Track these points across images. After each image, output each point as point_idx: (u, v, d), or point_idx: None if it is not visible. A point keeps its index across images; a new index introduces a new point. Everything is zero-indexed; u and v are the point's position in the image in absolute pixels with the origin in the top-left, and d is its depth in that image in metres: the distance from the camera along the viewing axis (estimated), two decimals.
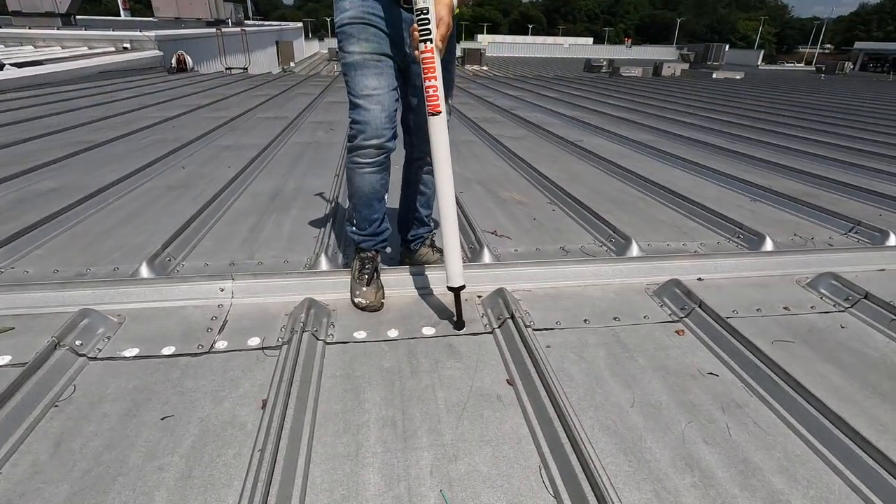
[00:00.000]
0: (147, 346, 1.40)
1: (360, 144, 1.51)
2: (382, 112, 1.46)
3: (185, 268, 1.90)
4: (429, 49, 1.28)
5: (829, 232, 2.42)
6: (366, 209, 1.63)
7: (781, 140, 4.81)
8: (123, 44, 11.98)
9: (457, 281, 1.49)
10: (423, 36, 1.28)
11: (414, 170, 1.81)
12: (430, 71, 1.30)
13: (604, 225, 2.30)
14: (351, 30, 1.42)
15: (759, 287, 1.84)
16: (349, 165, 1.58)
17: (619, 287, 1.80)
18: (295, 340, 1.36)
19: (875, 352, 1.48)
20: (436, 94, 1.32)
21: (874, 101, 9.56)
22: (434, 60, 1.29)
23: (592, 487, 0.95)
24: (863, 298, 1.69)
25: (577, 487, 0.97)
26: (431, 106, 1.34)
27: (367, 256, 1.66)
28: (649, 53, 45.41)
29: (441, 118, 1.35)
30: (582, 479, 0.97)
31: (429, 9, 1.25)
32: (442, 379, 1.31)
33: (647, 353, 1.45)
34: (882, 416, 1.22)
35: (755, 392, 1.29)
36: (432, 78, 1.31)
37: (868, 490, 1.01)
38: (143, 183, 2.96)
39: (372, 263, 1.66)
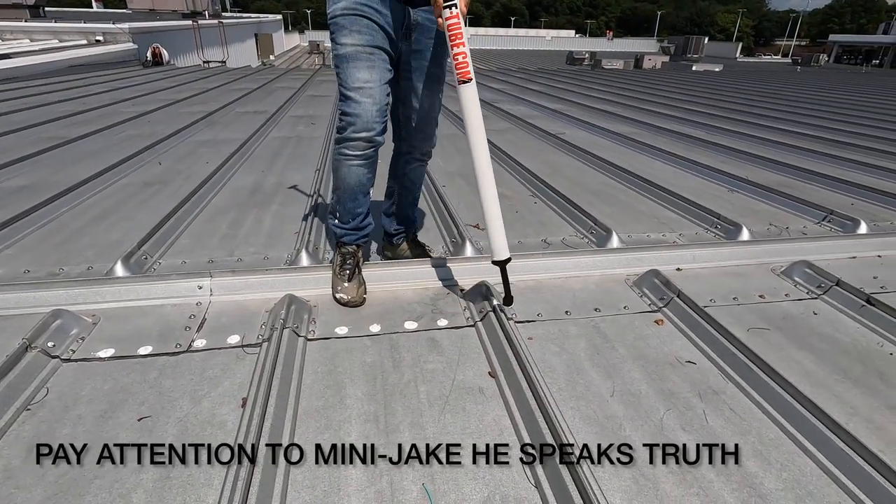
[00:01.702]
0: (123, 347, 1.37)
1: (349, 136, 1.49)
2: (374, 105, 1.45)
3: (162, 266, 1.86)
4: (454, 15, 1.26)
5: (803, 221, 2.47)
6: (350, 202, 1.62)
7: (759, 131, 4.89)
8: (96, 36, 11.66)
9: (502, 254, 1.46)
10: (447, 2, 1.25)
11: (402, 164, 1.80)
12: (457, 37, 1.28)
13: (585, 217, 2.31)
14: (343, 21, 1.40)
15: (736, 276, 1.88)
16: (337, 157, 1.56)
17: (599, 278, 1.82)
18: (275, 337, 1.35)
19: (846, 337, 1.52)
20: (465, 62, 1.29)
21: (848, 92, 9.77)
22: (460, 26, 1.26)
23: (573, 476, 0.96)
24: (834, 285, 1.73)
25: (557, 477, 0.98)
26: (461, 73, 1.31)
27: (348, 251, 1.65)
28: (631, 46, 45.75)
29: (472, 85, 1.32)
30: (562, 468, 0.98)
31: None
32: (424, 373, 1.31)
33: (627, 342, 1.47)
34: (852, 400, 1.25)
35: (731, 379, 1.32)
36: (460, 44, 1.28)
37: (838, 472, 1.04)
38: (118, 179, 2.90)
39: (353, 258, 1.64)
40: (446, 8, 1.26)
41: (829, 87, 10.79)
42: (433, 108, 1.66)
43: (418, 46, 1.54)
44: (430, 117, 1.68)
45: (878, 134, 4.86)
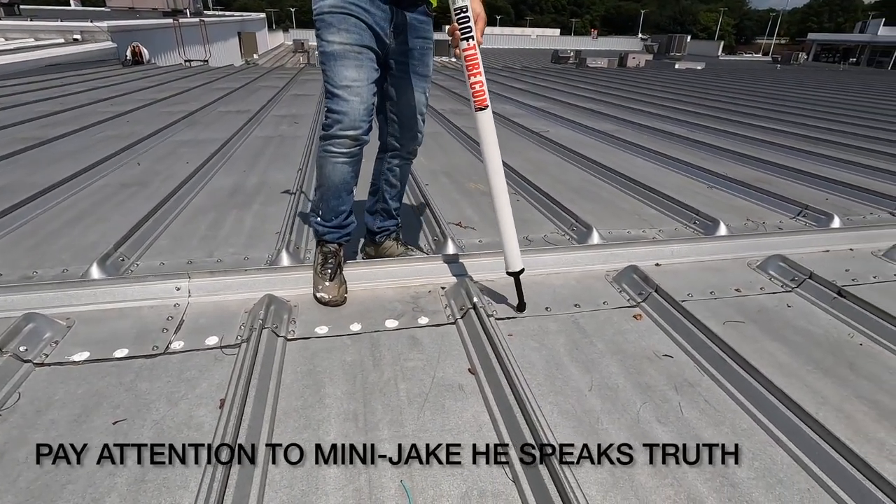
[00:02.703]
0: (98, 350, 1.35)
1: (335, 134, 1.49)
2: (361, 104, 1.45)
3: (140, 267, 1.83)
4: (471, 46, 1.31)
5: (779, 216, 2.52)
6: (334, 200, 1.62)
7: (739, 128, 4.97)
8: (73, 35, 11.42)
9: (516, 266, 1.53)
10: (465, 34, 1.29)
11: (387, 162, 1.80)
12: (474, 67, 1.33)
13: (566, 214, 2.33)
14: (331, 19, 1.40)
15: (714, 270, 1.91)
16: (322, 154, 1.56)
17: (579, 274, 1.84)
18: (254, 338, 1.34)
19: (818, 329, 1.56)
20: (482, 90, 1.36)
21: (826, 90, 9.97)
22: (477, 57, 1.32)
23: (549, 470, 0.97)
24: (807, 279, 1.77)
25: (534, 470, 0.99)
26: (479, 101, 1.37)
27: (329, 250, 1.64)
28: (615, 44, 46.12)
29: (488, 112, 1.40)
30: (541, 462, 0.99)
31: (467, 6, 1.28)
32: (404, 371, 1.32)
33: (606, 337, 1.49)
34: (823, 390, 1.28)
35: (707, 371, 1.34)
36: (476, 74, 1.33)
37: (808, 460, 1.06)
38: (95, 180, 2.85)
39: (335, 258, 1.64)
40: (464, 39, 1.30)
41: (807, 85, 11.00)
42: (419, 106, 1.66)
43: (405, 46, 1.55)
44: (417, 116, 1.68)
45: (853, 130, 4.97)
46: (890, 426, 1.16)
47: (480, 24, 1.32)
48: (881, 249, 2.09)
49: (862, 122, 5.59)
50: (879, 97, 8.74)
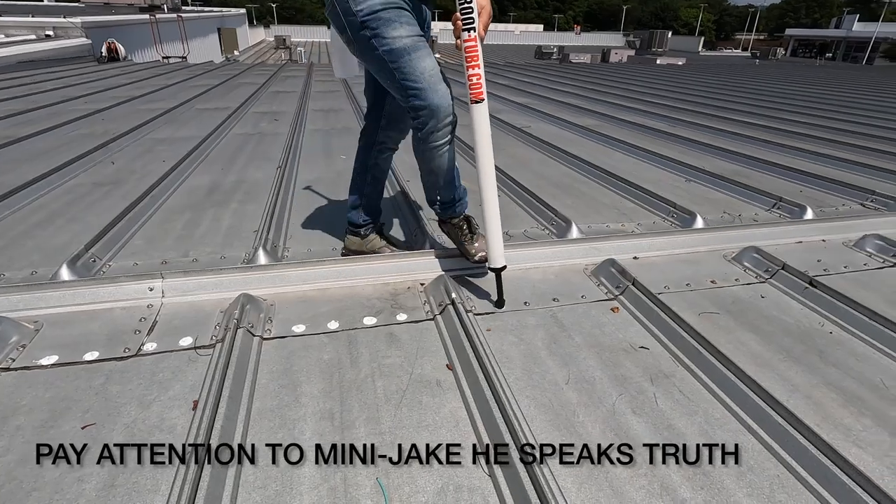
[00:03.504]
0: (67, 353, 1.32)
1: (436, 127, 1.47)
2: (447, 89, 1.44)
3: (112, 268, 1.80)
4: (472, 38, 1.28)
5: (754, 208, 2.56)
6: (449, 180, 1.67)
7: (718, 123, 5.04)
8: (46, 31, 11.11)
9: (499, 262, 1.54)
10: (467, 25, 1.27)
11: (374, 154, 1.79)
12: (473, 59, 1.31)
13: (546, 209, 2.34)
14: (388, 14, 1.36)
15: (690, 263, 1.93)
16: (427, 152, 1.55)
17: (559, 269, 1.85)
18: (228, 338, 1.32)
19: (790, 318, 1.59)
20: (479, 83, 1.34)
21: (802, 84, 10.16)
22: (477, 49, 1.29)
23: (525, 464, 0.98)
24: (780, 269, 1.80)
25: (510, 465, 0.99)
26: (475, 94, 1.35)
27: (460, 219, 1.71)
28: (598, 40, 46.42)
29: (483, 106, 1.38)
30: (516, 456, 1.00)
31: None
32: (382, 368, 1.31)
33: (584, 331, 1.50)
34: (794, 378, 1.31)
35: (682, 362, 1.36)
36: (476, 66, 1.31)
37: (778, 447, 1.08)
38: (68, 180, 2.78)
39: (468, 223, 1.71)
40: (465, 30, 1.27)
41: (783, 80, 11.19)
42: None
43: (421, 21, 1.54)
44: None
45: (827, 124, 5.08)
46: (856, 411, 1.19)
47: (484, 17, 1.30)
48: (852, 240, 2.14)
49: (835, 116, 5.70)
50: (852, 91, 8.93)
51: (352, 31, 1.41)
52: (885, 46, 39.53)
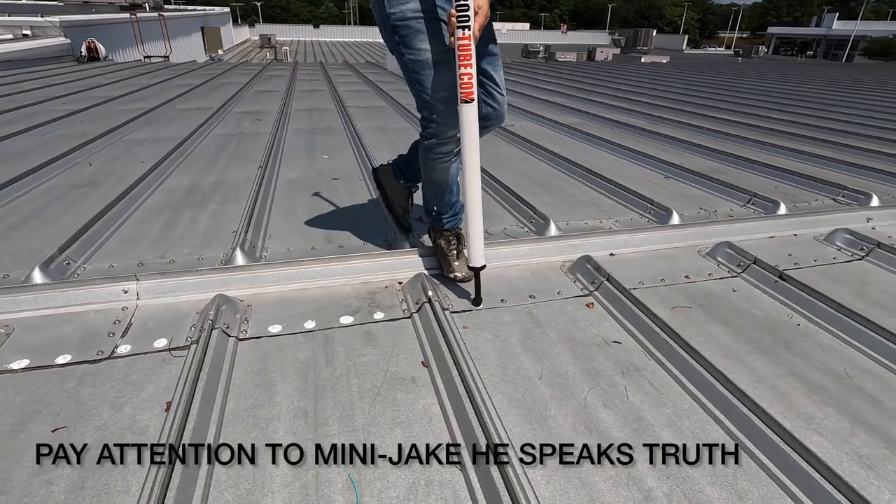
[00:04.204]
0: (39, 356, 1.31)
1: (442, 141, 1.53)
2: (455, 108, 1.42)
3: (87, 271, 1.78)
4: (466, 36, 1.28)
5: (730, 204, 2.61)
6: (448, 195, 1.69)
7: (698, 120, 5.11)
8: (23, 30, 10.89)
9: (478, 262, 1.56)
10: (462, 23, 1.26)
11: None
12: (466, 58, 1.30)
13: (526, 207, 2.36)
14: (418, 24, 1.36)
15: (665, 258, 1.97)
16: (430, 162, 1.61)
17: (536, 266, 1.87)
18: (203, 339, 1.32)
19: (759, 311, 1.62)
20: (470, 83, 1.33)
21: (782, 82, 10.33)
22: (470, 48, 1.29)
23: (496, 458, 0.99)
24: (752, 264, 1.84)
25: (480, 458, 1.01)
26: (465, 93, 1.34)
27: (452, 235, 1.74)
28: (584, 38, 46.68)
29: (473, 105, 1.36)
30: (487, 450, 1.01)
31: None
32: (357, 366, 1.32)
33: (559, 326, 1.52)
34: (760, 369, 1.34)
35: (653, 356, 1.39)
36: (468, 65, 1.31)
37: (742, 436, 1.11)
38: (43, 182, 2.74)
39: (458, 241, 1.73)
40: (460, 28, 1.27)
41: (764, 78, 11.36)
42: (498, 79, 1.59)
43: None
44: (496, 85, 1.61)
45: (803, 121, 5.17)
46: (820, 401, 1.23)
47: (481, 17, 1.29)
48: (822, 234, 2.19)
49: (811, 113, 5.81)
50: (829, 89, 9.10)
51: (385, 31, 1.44)
52: (864, 44, 40.32)
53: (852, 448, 1.09)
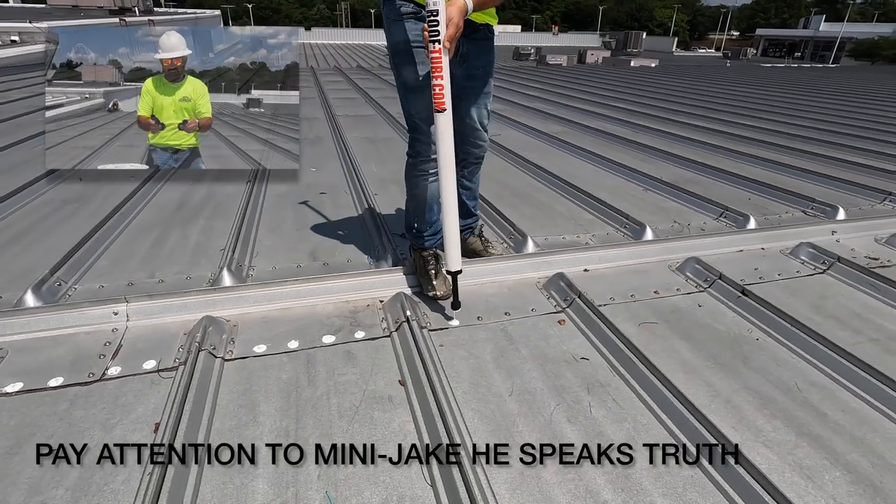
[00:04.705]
0: (32, 380, 1.37)
1: (425, 158, 1.68)
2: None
3: (78, 291, 1.84)
4: (437, 49, 1.35)
5: (703, 217, 2.71)
6: (428, 213, 1.80)
7: (679, 129, 5.23)
8: (10, 36, 10.85)
9: (455, 266, 1.64)
10: (433, 37, 1.35)
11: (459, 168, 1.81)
12: (437, 70, 1.38)
13: (505, 222, 2.44)
14: (406, 54, 1.53)
15: (637, 273, 2.05)
16: (413, 178, 1.76)
17: (512, 283, 1.95)
18: (190, 360, 1.38)
19: (722, 326, 1.71)
20: (441, 93, 1.41)
21: (764, 87, 10.51)
22: (441, 60, 1.37)
23: (462, 474, 1.07)
24: (718, 279, 1.93)
25: (449, 475, 1.08)
26: (437, 103, 1.42)
27: (430, 254, 1.83)
28: (575, 41, 46.95)
29: (447, 115, 1.44)
30: (454, 466, 1.09)
31: (438, 10, 1.32)
32: (337, 385, 1.39)
33: (531, 343, 1.60)
34: (717, 384, 1.43)
35: (617, 372, 1.47)
36: (439, 77, 1.39)
37: (694, 449, 1.20)
38: (35, 198, 2.78)
39: (436, 260, 1.83)
40: (431, 42, 1.36)
41: (747, 83, 11.54)
42: (482, 121, 1.81)
43: (471, 72, 1.65)
44: (479, 131, 1.83)
45: (778, 129, 5.31)
46: (769, 414, 1.32)
47: (451, 29, 1.36)
48: (788, 248, 2.29)
49: (786, 120, 5.95)
50: (807, 95, 9.28)
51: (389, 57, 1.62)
52: (851, 46, 40.92)
53: (795, 459, 1.18)
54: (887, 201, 2.95)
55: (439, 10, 1.33)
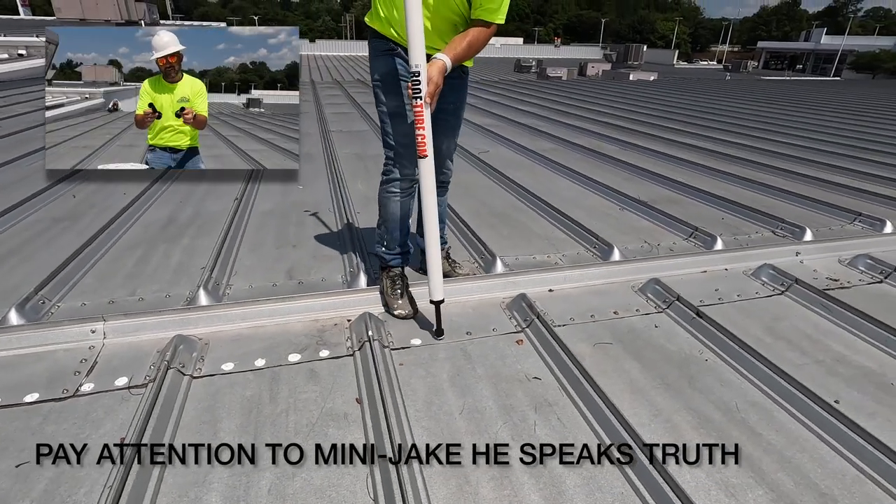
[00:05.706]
0: (9, 395, 1.45)
1: (396, 177, 1.85)
2: (413, 152, 1.67)
3: (61, 309, 1.92)
4: (419, 105, 1.54)
5: (674, 237, 2.78)
6: (397, 231, 1.93)
7: (666, 146, 5.32)
8: (18, 50, 11.10)
9: (437, 295, 1.74)
10: (415, 94, 1.53)
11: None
12: (419, 122, 1.56)
13: (478, 242, 2.53)
14: (386, 85, 1.73)
15: (601, 294, 2.13)
16: (385, 195, 1.90)
17: (477, 303, 2.03)
18: (159, 377, 1.46)
19: (674, 346, 1.78)
20: (424, 142, 1.59)
21: (758, 103, 10.61)
22: (423, 114, 1.55)
23: (402, 488, 1.14)
24: (675, 300, 2.01)
25: (389, 489, 1.16)
26: (420, 150, 1.60)
27: (396, 273, 1.95)
28: (577, 53, 47.40)
29: (427, 161, 1.61)
30: (395, 481, 1.16)
31: (420, 73, 1.51)
32: (297, 402, 1.47)
33: (488, 363, 1.67)
34: (660, 403, 1.50)
35: (566, 391, 1.54)
36: (421, 129, 1.57)
37: (627, 468, 1.26)
38: (27, 216, 2.88)
39: (402, 280, 1.94)
40: (414, 98, 1.54)
41: (742, 98, 11.65)
42: (449, 153, 2.00)
43: (442, 106, 1.77)
44: (446, 160, 2.01)
45: (759, 145, 5.39)
46: (704, 433, 1.38)
47: (431, 87, 1.54)
48: (751, 269, 2.36)
49: (773, 138, 6.03)
50: (804, 111, 9.37)
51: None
52: (852, 59, 41.07)
53: (722, 478, 1.25)
54: (857, 222, 3.01)
55: (421, 71, 1.51)
